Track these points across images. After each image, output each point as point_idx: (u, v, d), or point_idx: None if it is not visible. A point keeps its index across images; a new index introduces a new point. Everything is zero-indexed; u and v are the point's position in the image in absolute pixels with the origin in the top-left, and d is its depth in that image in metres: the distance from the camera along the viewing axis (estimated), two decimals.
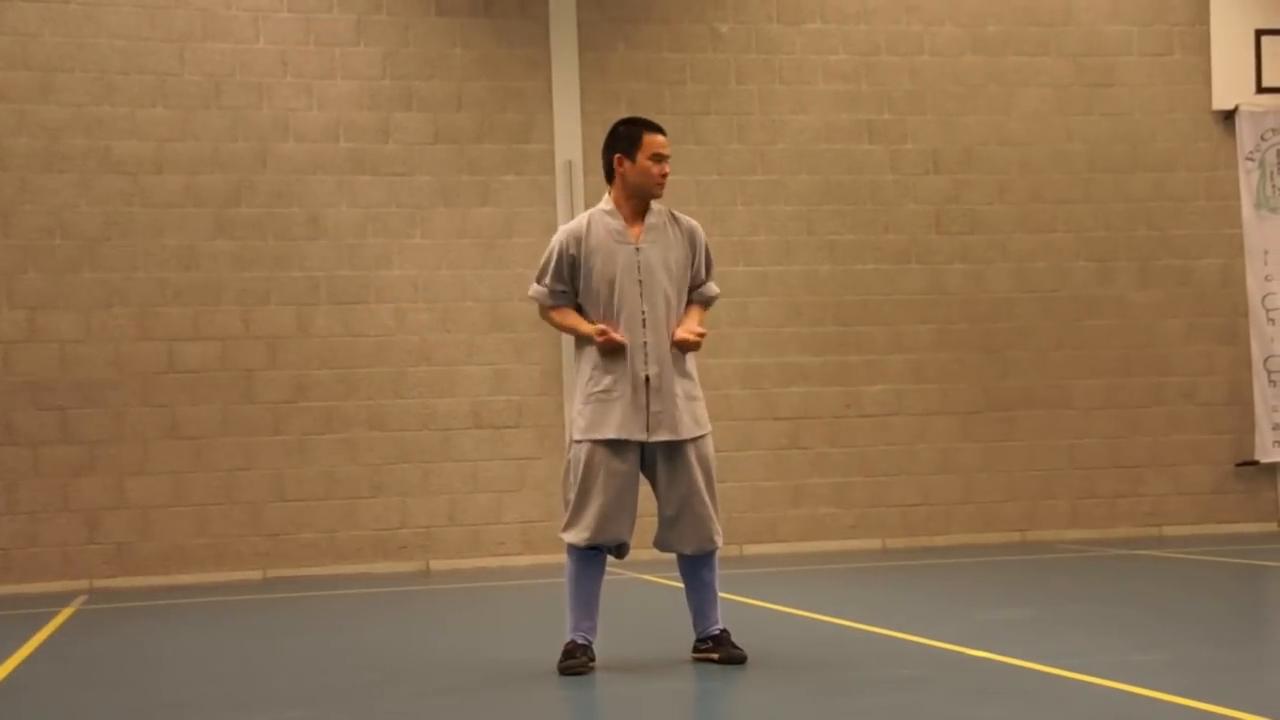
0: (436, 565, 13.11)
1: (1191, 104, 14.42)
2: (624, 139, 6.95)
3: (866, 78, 14.06)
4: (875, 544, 13.82)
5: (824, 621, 8.51)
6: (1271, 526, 14.31)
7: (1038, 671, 6.38)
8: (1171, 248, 14.37)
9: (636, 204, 6.99)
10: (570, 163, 13.49)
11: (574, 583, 6.89)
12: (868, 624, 8.19)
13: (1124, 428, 14.24)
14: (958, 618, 8.58)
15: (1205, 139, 14.43)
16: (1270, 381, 14.32)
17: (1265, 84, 14.40)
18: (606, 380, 6.79)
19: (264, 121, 13.13)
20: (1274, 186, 14.41)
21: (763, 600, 9.65)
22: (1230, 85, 14.40)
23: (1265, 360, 14.33)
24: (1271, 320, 14.35)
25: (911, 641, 7.43)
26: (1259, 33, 14.37)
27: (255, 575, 12.82)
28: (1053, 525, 14.08)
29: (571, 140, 13.53)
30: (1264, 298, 14.36)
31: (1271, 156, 14.40)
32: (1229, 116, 14.39)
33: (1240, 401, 14.33)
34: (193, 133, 12.99)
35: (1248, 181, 14.39)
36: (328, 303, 13.13)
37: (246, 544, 12.84)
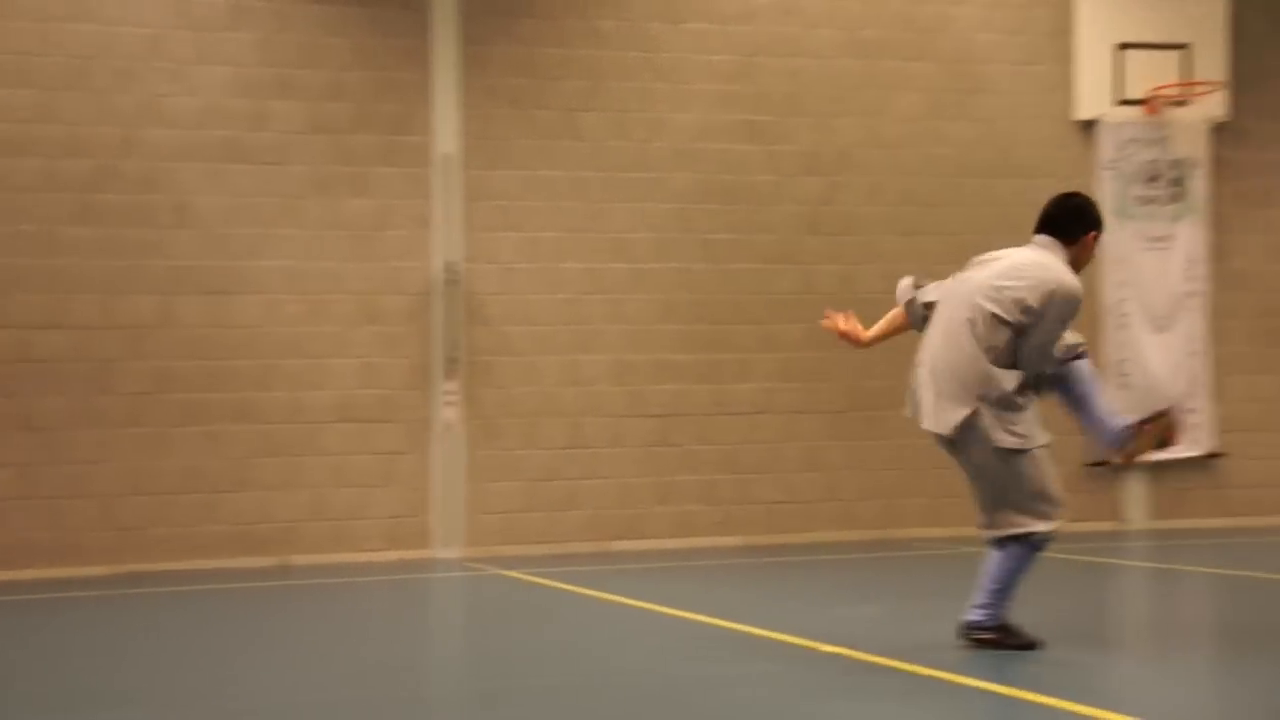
0: (299, 561, 10.83)
1: (1055, 113, 12.43)
2: (1099, 222, 6.18)
3: (746, 78, 11.89)
4: (740, 541, 11.79)
5: (685, 618, 7.57)
6: (1117, 524, 12.48)
7: (888, 667, 5.83)
8: None
9: (1073, 269, 6.05)
10: (448, 156, 11.22)
11: (1024, 571, 6.01)
12: (727, 620, 7.30)
13: None
14: (815, 614, 7.73)
15: (1067, 147, 12.45)
16: (1122, 385, 12.40)
17: (1125, 96, 12.40)
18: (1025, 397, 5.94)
19: (131, 106, 10.73)
20: (1130, 196, 12.46)
21: (627, 597, 8.43)
22: (1092, 96, 12.47)
23: (1117, 364, 12.44)
24: (1124, 325, 12.44)
25: (768, 637, 6.74)
26: (1120, 46, 12.37)
27: (105, 570, 10.45)
28: (912, 523, 12.12)
29: (450, 133, 11.27)
30: (1118, 303, 12.45)
31: (1128, 167, 12.47)
32: (1090, 126, 12.40)
33: None
34: (55, 115, 10.54)
35: (1106, 190, 12.42)
36: (194, 293, 10.80)
37: (97, 539, 10.49)
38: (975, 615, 6.09)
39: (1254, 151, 12.72)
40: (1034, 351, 5.89)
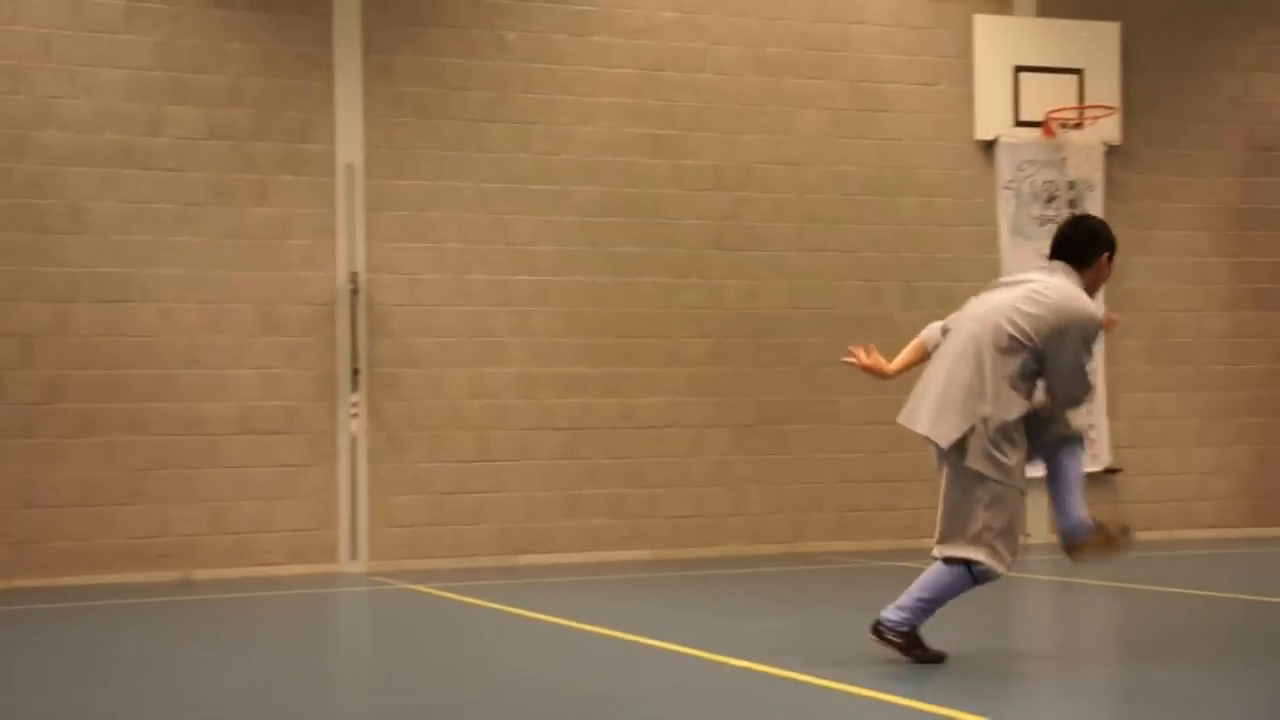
0: (200, 576, 10.30)
1: (956, 133, 12.36)
2: (1111, 244, 5.93)
3: (651, 92, 11.67)
4: (648, 555, 11.46)
5: (592, 632, 7.30)
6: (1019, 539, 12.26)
7: (796, 681, 5.62)
8: (936, 270, 12.29)
9: (1088, 293, 5.90)
10: (351, 165, 10.85)
11: (956, 594, 5.83)
12: (635, 634, 7.05)
13: (887, 443, 12.08)
14: (723, 628, 7.44)
15: (968, 167, 12.38)
16: None
17: (1023, 117, 12.46)
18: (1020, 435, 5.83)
19: (22, 108, 10.24)
20: (1029, 215, 12.41)
21: (534, 611, 8.11)
22: (991, 117, 12.41)
23: None
24: None
25: (676, 651, 6.50)
26: (1017, 69, 12.36)
27: None
28: (819, 537, 11.88)
29: (353, 142, 10.91)
30: None
31: (1027, 187, 12.43)
32: (990, 147, 12.34)
33: None
34: None
35: (1005, 210, 12.38)
36: (88, 300, 10.28)
37: None
38: (892, 615, 5.89)
39: (1145, 174, 12.77)
40: (1065, 377, 5.78)
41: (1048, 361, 5.73)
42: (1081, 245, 5.95)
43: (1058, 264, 5.96)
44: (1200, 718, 4.99)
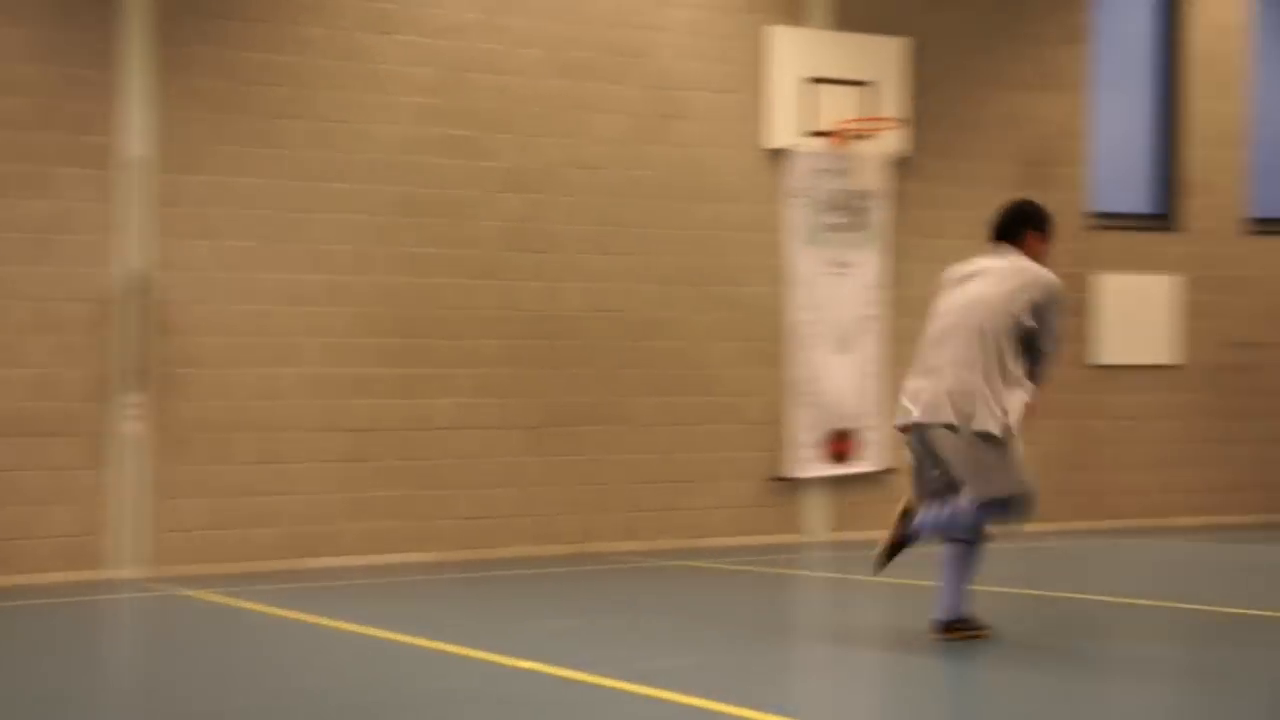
0: None
1: (750, 141, 12.48)
2: (1037, 218, 6.49)
3: (452, 93, 11.47)
4: (437, 557, 11.36)
5: (378, 636, 7.14)
6: (799, 537, 12.63)
7: (578, 681, 5.68)
8: (727, 275, 12.43)
9: None
10: (138, 158, 10.39)
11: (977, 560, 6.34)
12: (422, 638, 6.96)
13: (676, 444, 12.24)
14: (509, 630, 7.41)
15: (761, 174, 12.53)
16: (805, 403, 12.60)
17: (814, 127, 12.58)
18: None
19: None
20: (818, 223, 12.66)
21: (319, 615, 7.93)
22: (784, 126, 12.57)
23: (802, 383, 12.59)
24: (809, 345, 12.62)
25: (460, 655, 6.45)
26: (809, 80, 12.51)
27: None
28: (608, 537, 11.95)
29: (142, 135, 10.44)
30: (804, 325, 12.60)
31: (817, 195, 12.67)
32: (782, 155, 12.51)
33: (778, 421, 12.55)
34: None
35: (796, 217, 12.57)
36: None
37: None
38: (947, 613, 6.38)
39: (928, 185, 13.12)
40: (1050, 343, 6.29)
41: (1041, 331, 6.23)
42: (1010, 225, 6.43)
43: (1003, 246, 6.38)
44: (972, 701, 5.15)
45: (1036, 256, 6.43)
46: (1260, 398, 14.43)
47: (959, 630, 6.42)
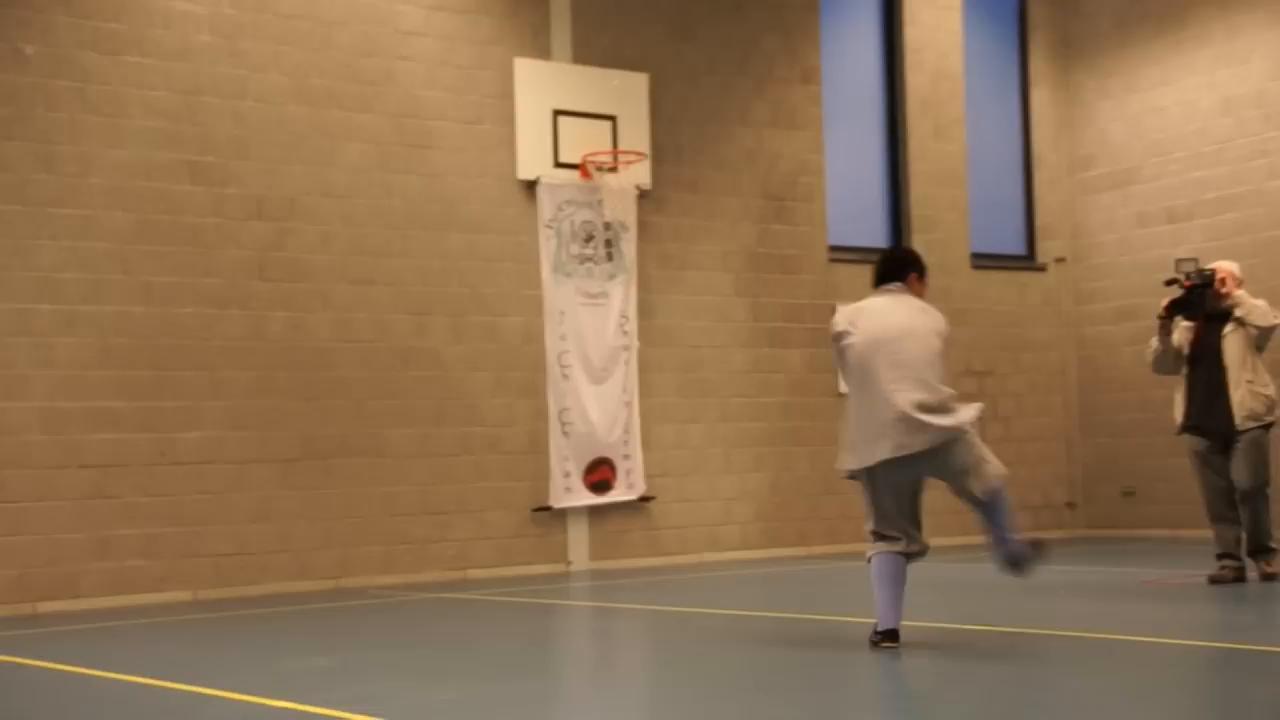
0: None
1: (499, 172, 12.39)
2: (916, 263, 7.03)
3: (188, 117, 11.02)
4: (187, 596, 10.68)
5: (118, 680, 6.66)
6: (561, 567, 12.41)
7: (336, 718, 5.27)
8: (481, 305, 12.25)
9: None
10: None
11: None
12: (169, 680, 6.48)
13: (435, 476, 11.90)
14: (264, 668, 7.03)
15: (511, 205, 12.44)
16: (564, 433, 12.47)
17: (562, 159, 12.63)
18: None
19: None
20: (569, 254, 12.63)
21: (53, 662, 7.34)
22: (532, 157, 12.52)
23: (559, 413, 12.48)
24: (566, 376, 12.53)
25: (213, 696, 6.04)
26: (556, 112, 12.57)
27: None
28: (367, 571, 11.49)
29: None
30: (560, 355, 12.53)
31: (566, 226, 12.64)
32: (531, 186, 12.46)
33: (537, 451, 12.36)
34: None
35: (547, 247, 12.53)
36: None
37: None
38: (1015, 545, 6.69)
39: (674, 218, 13.28)
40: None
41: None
42: (898, 268, 6.86)
43: (895, 286, 6.80)
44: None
45: (919, 295, 6.87)
46: (984, 424, 14.96)
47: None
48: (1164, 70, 14.78)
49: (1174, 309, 9.15)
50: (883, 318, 6.66)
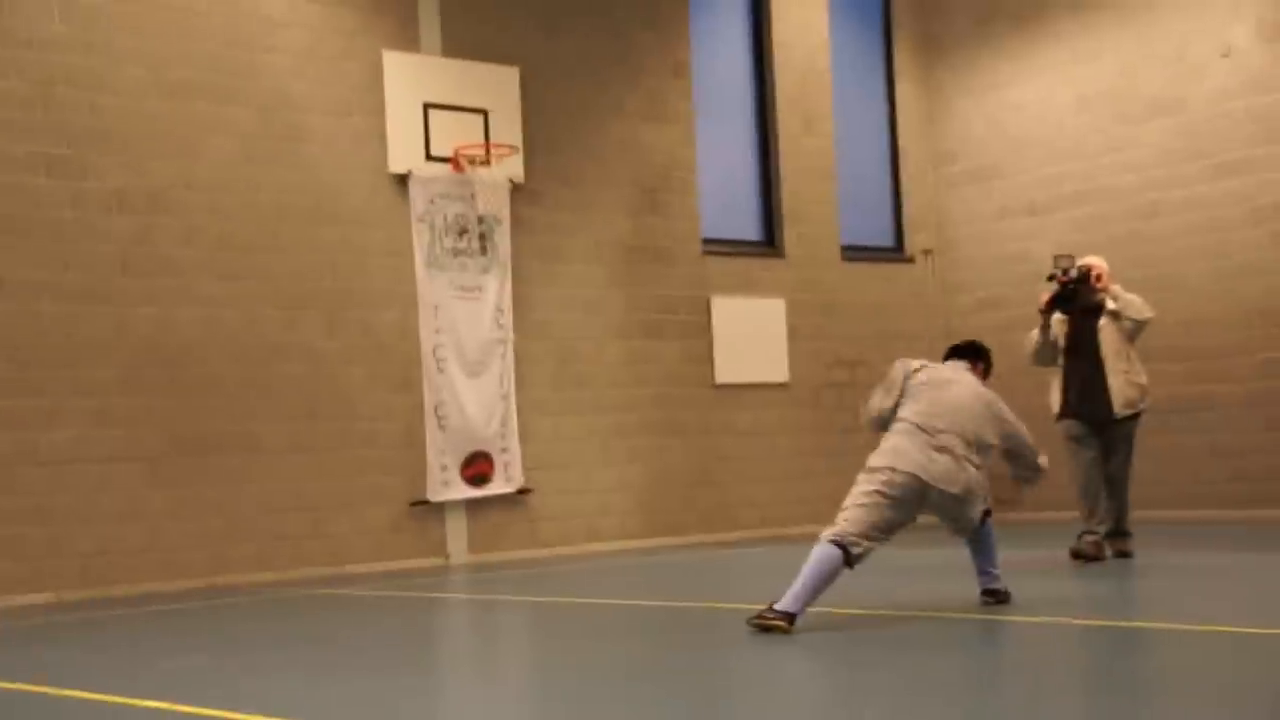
0: None
1: (371, 165, 12.19)
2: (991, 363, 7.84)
3: (43, 109, 10.65)
4: (53, 597, 10.33)
5: None
6: (441, 560, 12.27)
7: (208, 717, 5.13)
8: (355, 299, 12.04)
9: None
10: None
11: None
12: (35, 685, 6.20)
13: (310, 471, 11.67)
14: (135, 670, 6.73)
15: (384, 198, 12.25)
16: (440, 426, 12.33)
17: (433, 153, 12.46)
18: None
19: None
20: (443, 247, 12.48)
21: None
22: (404, 151, 12.33)
23: (436, 407, 12.33)
24: (441, 370, 12.38)
25: (82, 698, 5.80)
26: (427, 105, 12.41)
27: None
28: (241, 569, 11.21)
29: None
30: (435, 349, 12.37)
31: (440, 220, 12.49)
32: (403, 180, 12.29)
33: (414, 445, 12.18)
34: None
35: (420, 241, 12.37)
36: None
37: None
38: (992, 583, 7.28)
39: (548, 211, 13.19)
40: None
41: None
42: (967, 353, 7.66)
43: (963, 364, 7.57)
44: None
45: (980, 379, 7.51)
46: (856, 413, 15.13)
47: None
48: (1021, 67, 15.11)
49: (1054, 304, 9.43)
50: (944, 387, 7.20)
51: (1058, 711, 4.75)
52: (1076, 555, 9.40)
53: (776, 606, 6.53)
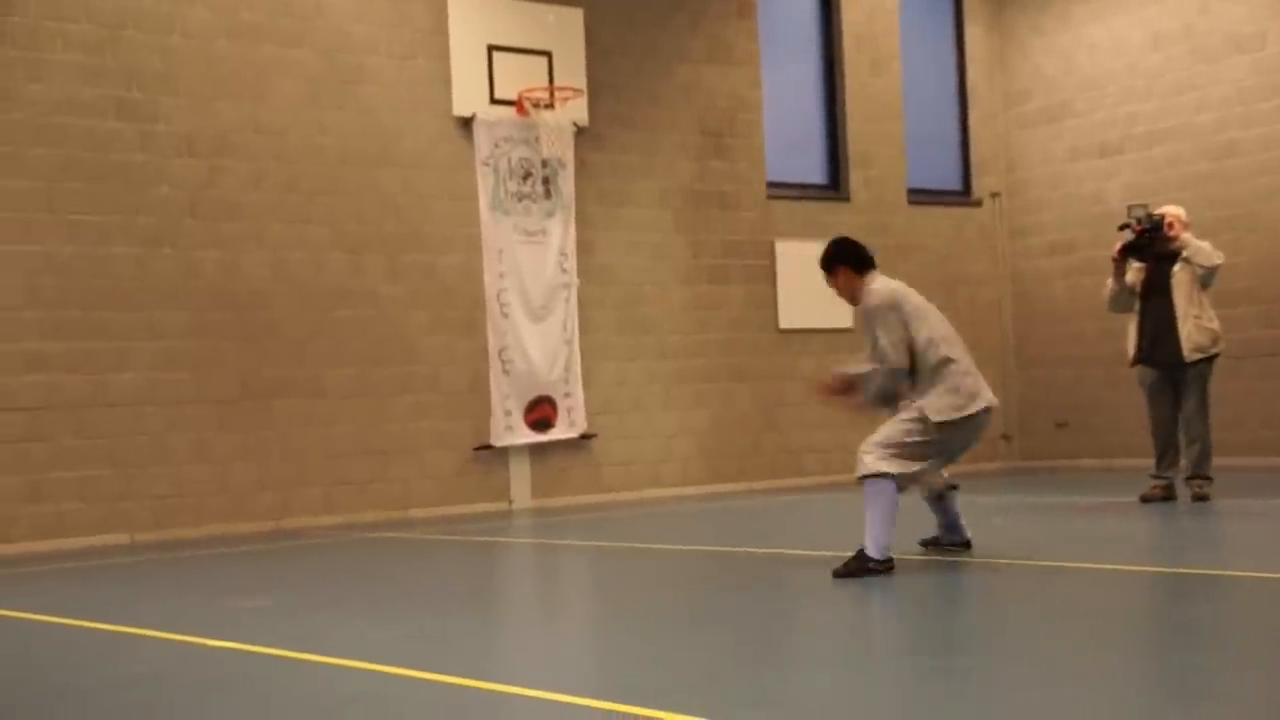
0: None
1: (434, 108, 12.11)
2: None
3: (112, 52, 10.66)
4: (125, 539, 10.47)
5: (60, 624, 6.37)
6: (504, 505, 12.29)
7: (276, 656, 5.20)
8: (418, 243, 12.01)
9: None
10: None
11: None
12: (106, 623, 6.28)
13: (374, 415, 11.71)
14: (203, 610, 6.78)
15: (447, 142, 12.18)
16: (504, 371, 12.31)
17: (498, 96, 12.36)
18: None
19: None
20: (507, 191, 12.40)
21: None
22: (468, 94, 12.24)
23: (500, 352, 12.30)
24: (505, 314, 12.35)
25: (150, 637, 5.86)
26: (491, 48, 12.30)
27: None
28: (306, 512, 11.30)
29: None
30: (499, 293, 12.33)
31: (504, 164, 12.40)
32: (467, 123, 12.21)
33: (478, 390, 12.18)
34: None
35: (484, 185, 12.30)
36: None
37: None
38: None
39: (611, 154, 13.07)
40: None
41: None
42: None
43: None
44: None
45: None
46: None
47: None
48: (1094, 5, 14.73)
49: (1127, 252, 9.52)
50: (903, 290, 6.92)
51: (1109, 655, 4.65)
52: (1145, 499, 9.40)
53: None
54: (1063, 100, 15.01)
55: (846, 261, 6.95)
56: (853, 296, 6.94)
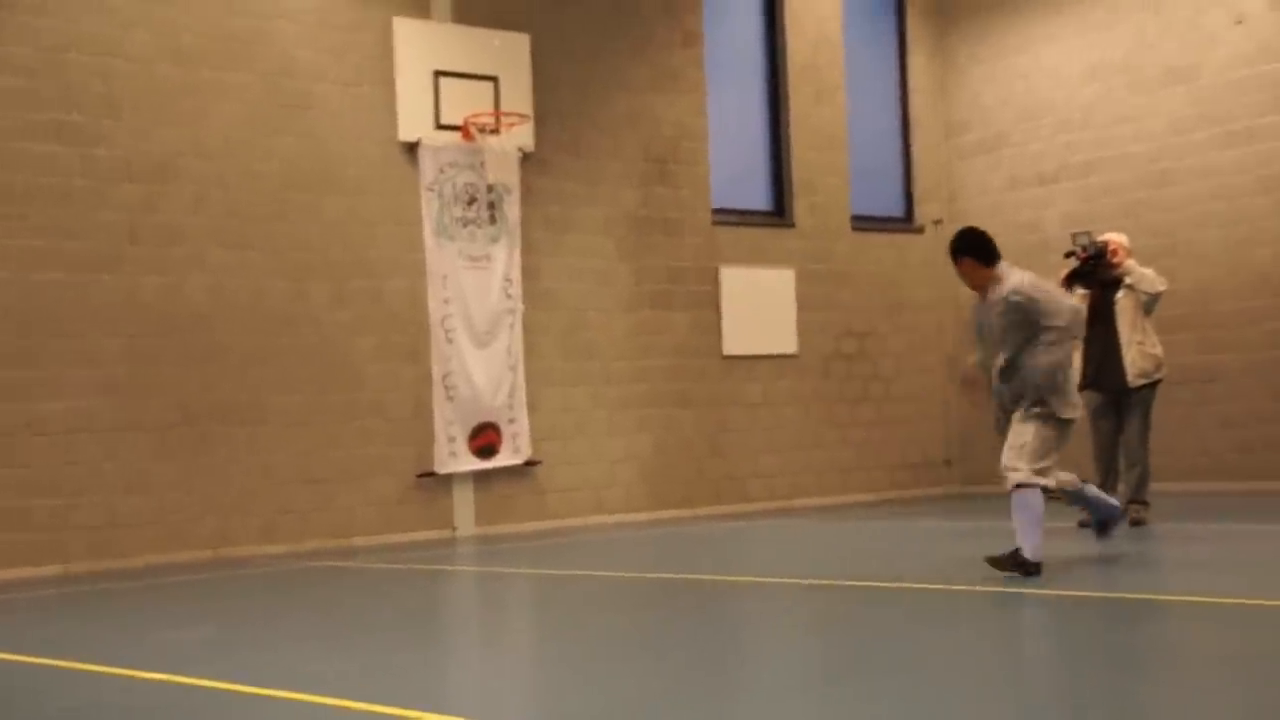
0: None
1: (380, 134, 12.00)
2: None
3: (52, 75, 10.47)
4: (59, 570, 10.23)
5: None
6: (448, 533, 12.16)
7: (211, 689, 5.09)
8: (363, 269, 11.88)
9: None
10: None
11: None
12: (41, 657, 6.15)
13: (317, 442, 11.54)
14: (141, 642, 6.68)
15: (393, 167, 12.07)
16: (448, 397, 12.19)
17: (443, 121, 12.27)
18: None
19: None
20: (452, 217, 12.31)
21: None
22: (413, 119, 12.15)
23: (444, 377, 12.19)
24: (450, 340, 12.23)
25: (85, 670, 5.73)
26: (437, 73, 12.21)
27: None
28: (247, 541, 11.11)
29: None
30: (443, 319, 12.22)
31: (449, 189, 12.31)
32: (413, 148, 12.11)
33: (422, 416, 12.05)
34: None
35: (429, 210, 12.20)
36: None
37: None
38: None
39: (557, 180, 13.01)
40: None
41: None
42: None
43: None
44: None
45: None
46: (865, 384, 15.00)
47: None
48: (1033, 36, 14.86)
49: (1072, 279, 9.62)
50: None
51: (1061, 684, 4.62)
52: (1084, 525, 9.42)
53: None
54: (1002, 130, 15.12)
55: (970, 253, 7.23)
56: (976, 286, 7.20)
